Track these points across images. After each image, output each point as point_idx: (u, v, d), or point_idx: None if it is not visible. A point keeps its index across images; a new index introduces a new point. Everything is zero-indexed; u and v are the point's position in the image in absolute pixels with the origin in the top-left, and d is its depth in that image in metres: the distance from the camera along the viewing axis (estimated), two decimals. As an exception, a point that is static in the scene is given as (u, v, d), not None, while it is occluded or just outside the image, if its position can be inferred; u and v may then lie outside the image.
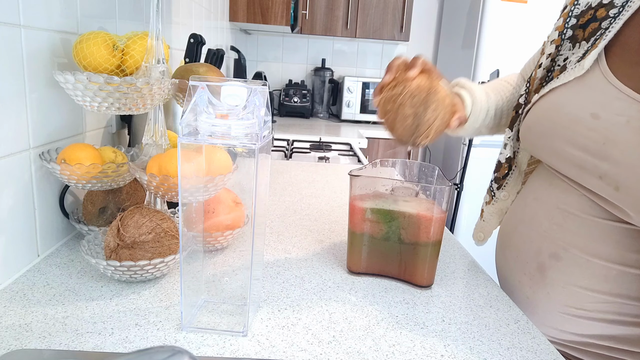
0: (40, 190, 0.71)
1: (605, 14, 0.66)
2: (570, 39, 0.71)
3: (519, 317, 0.65)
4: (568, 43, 0.71)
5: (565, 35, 0.71)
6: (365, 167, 0.79)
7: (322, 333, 0.58)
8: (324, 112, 3.28)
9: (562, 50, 0.72)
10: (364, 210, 0.72)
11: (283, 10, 2.34)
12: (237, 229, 0.78)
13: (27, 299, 0.60)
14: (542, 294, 0.69)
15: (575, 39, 0.70)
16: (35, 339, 0.52)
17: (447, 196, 0.69)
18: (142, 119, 0.95)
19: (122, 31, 0.95)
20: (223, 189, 0.80)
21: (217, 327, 0.57)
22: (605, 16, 0.66)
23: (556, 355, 0.57)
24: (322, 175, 1.42)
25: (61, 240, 0.78)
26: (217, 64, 1.05)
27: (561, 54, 0.72)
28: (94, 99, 0.66)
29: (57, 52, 0.73)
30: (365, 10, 2.91)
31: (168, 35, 1.33)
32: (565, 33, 0.72)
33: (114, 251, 0.64)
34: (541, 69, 0.74)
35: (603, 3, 0.66)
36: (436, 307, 0.66)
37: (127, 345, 0.53)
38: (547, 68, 0.74)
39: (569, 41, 0.71)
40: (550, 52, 0.73)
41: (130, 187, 0.80)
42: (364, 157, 1.85)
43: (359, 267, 0.74)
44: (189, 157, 0.57)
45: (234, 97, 0.50)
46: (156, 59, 0.72)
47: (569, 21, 0.71)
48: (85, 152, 0.70)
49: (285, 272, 0.74)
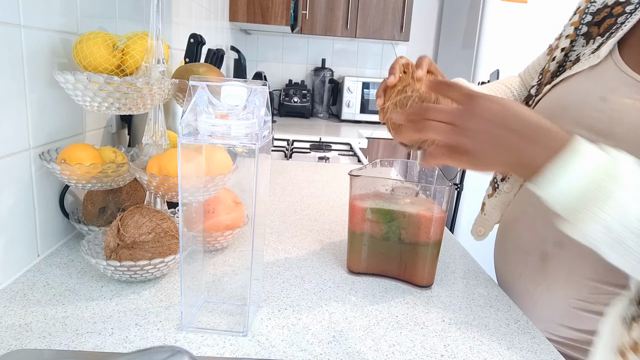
0: (40, 190, 0.71)
1: (621, 11, 0.69)
2: (585, 35, 0.73)
3: (519, 317, 0.65)
4: (582, 39, 0.74)
5: (580, 31, 0.74)
6: (365, 167, 0.79)
7: (322, 333, 0.58)
8: (324, 112, 3.28)
9: (576, 46, 0.75)
10: (364, 210, 0.72)
11: (283, 10, 2.34)
12: (237, 229, 0.78)
13: (27, 299, 0.60)
14: (543, 286, 0.69)
15: (590, 35, 0.73)
16: (35, 339, 0.52)
17: (447, 196, 0.69)
18: (142, 119, 0.95)
19: (122, 31, 0.95)
20: (223, 189, 0.80)
21: (217, 327, 0.57)
22: (622, 12, 0.69)
23: (556, 355, 0.57)
24: (322, 175, 1.42)
25: (61, 240, 0.78)
26: (217, 64, 1.05)
27: (574, 49, 0.75)
28: (94, 99, 0.66)
29: (57, 52, 0.73)
30: (365, 10, 2.91)
31: (168, 35, 1.33)
32: (580, 29, 0.74)
33: (114, 251, 0.64)
34: (554, 62, 0.76)
35: (620, 1, 0.70)
36: (436, 307, 0.66)
37: (127, 345, 0.53)
38: (560, 62, 0.76)
39: (583, 37, 0.74)
40: (564, 47, 0.76)
41: (130, 187, 0.80)
42: (364, 157, 1.84)
43: (359, 267, 0.74)
44: (189, 157, 0.57)
45: (234, 97, 0.50)
46: (156, 59, 0.72)
47: (585, 17, 0.74)
48: (85, 152, 0.70)
49: (285, 272, 0.74)
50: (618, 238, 0.44)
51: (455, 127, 0.50)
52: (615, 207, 0.43)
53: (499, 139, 0.48)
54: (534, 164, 0.47)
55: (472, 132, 0.49)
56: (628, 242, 0.44)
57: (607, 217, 0.44)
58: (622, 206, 0.43)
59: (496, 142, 0.48)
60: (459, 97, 0.51)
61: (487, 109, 0.49)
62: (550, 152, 0.46)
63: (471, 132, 0.49)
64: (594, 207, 0.44)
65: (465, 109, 0.50)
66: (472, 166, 0.51)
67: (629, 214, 0.43)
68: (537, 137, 0.47)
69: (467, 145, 0.49)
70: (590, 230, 0.45)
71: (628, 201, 0.43)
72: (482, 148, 0.49)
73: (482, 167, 0.50)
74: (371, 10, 2.92)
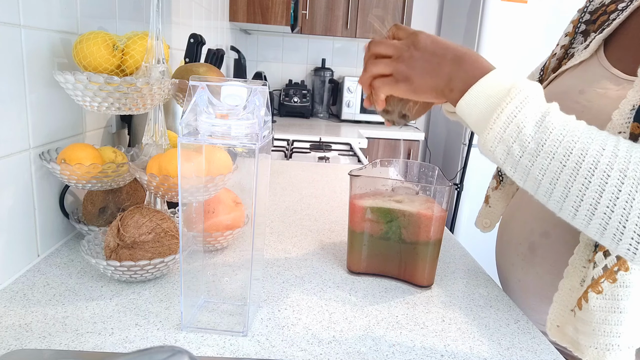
0: (40, 190, 0.71)
1: (614, 8, 0.71)
2: (583, 33, 0.76)
3: (519, 317, 0.65)
4: (580, 37, 0.76)
5: (579, 29, 0.77)
6: (365, 167, 0.79)
7: (322, 333, 0.58)
8: (324, 112, 3.28)
9: (574, 43, 0.77)
10: (364, 209, 0.72)
11: (283, 10, 2.34)
12: (237, 229, 0.78)
13: (27, 299, 0.60)
14: (533, 275, 0.71)
15: (587, 33, 0.76)
16: (35, 339, 0.52)
17: (447, 196, 0.69)
18: (142, 119, 0.95)
19: (122, 31, 0.95)
20: (223, 189, 0.80)
21: (217, 327, 0.57)
22: (615, 10, 0.71)
23: (556, 355, 0.57)
24: (322, 175, 1.42)
25: (61, 240, 0.78)
26: (217, 64, 1.05)
27: (573, 46, 0.77)
28: (94, 99, 0.66)
29: (57, 52, 0.73)
30: (365, 10, 2.91)
31: (168, 35, 1.33)
32: (579, 27, 0.77)
33: (114, 251, 0.64)
34: (554, 59, 0.79)
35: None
36: (436, 307, 0.66)
37: (127, 345, 0.53)
38: (560, 58, 0.79)
39: (581, 35, 0.76)
40: (564, 44, 0.78)
41: (130, 187, 0.80)
42: (364, 157, 1.84)
43: (359, 267, 0.74)
44: (189, 157, 0.57)
45: (234, 97, 0.50)
46: (156, 59, 0.72)
47: (584, 16, 0.77)
48: (85, 152, 0.70)
49: (285, 272, 0.74)
50: (509, 151, 0.49)
51: (397, 58, 0.57)
52: (506, 120, 0.48)
53: (431, 64, 0.55)
54: (456, 87, 0.53)
55: (410, 59, 0.56)
56: (515, 154, 0.49)
57: (500, 130, 0.49)
58: (512, 121, 0.48)
59: (429, 68, 0.55)
60: (403, 34, 0.58)
61: (422, 41, 0.56)
62: (470, 77, 0.52)
63: (410, 60, 0.56)
64: (490, 121, 0.49)
65: (405, 41, 0.57)
66: (409, 92, 0.57)
67: (519, 127, 0.48)
68: (462, 64, 0.53)
69: (405, 72, 0.56)
70: (490, 144, 0.50)
71: (517, 115, 0.48)
72: (417, 74, 0.55)
73: (418, 92, 0.56)
74: (371, 10, 2.92)
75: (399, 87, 0.57)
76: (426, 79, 0.55)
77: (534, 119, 0.48)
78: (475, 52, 0.55)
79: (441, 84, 0.55)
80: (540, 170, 0.48)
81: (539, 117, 0.48)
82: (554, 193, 0.48)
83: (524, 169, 0.49)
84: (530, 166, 0.48)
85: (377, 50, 0.59)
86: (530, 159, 0.48)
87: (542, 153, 0.47)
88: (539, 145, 0.47)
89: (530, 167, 0.48)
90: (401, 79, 0.57)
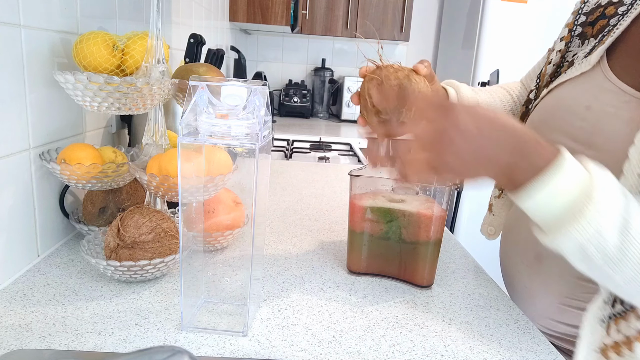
0: (40, 190, 0.71)
1: (614, 12, 0.68)
2: (580, 36, 0.74)
3: (519, 317, 0.65)
4: (577, 40, 0.74)
5: (575, 32, 0.74)
6: (365, 167, 0.79)
7: (322, 333, 0.58)
8: (324, 112, 3.28)
9: (571, 47, 0.75)
10: (364, 209, 0.72)
11: (283, 10, 2.34)
12: (237, 229, 0.78)
13: (27, 299, 0.60)
14: (539, 283, 0.71)
15: (584, 36, 0.73)
16: (35, 339, 0.52)
17: (447, 196, 0.69)
18: (142, 119, 0.95)
19: (122, 31, 0.95)
20: (223, 189, 0.80)
21: (217, 327, 0.57)
22: (614, 14, 0.68)
23: (556, 355, 0.57)
24: (322, 175, 1.42)
25: (61, 240, 0.78)
26: (217, 64, 1.05)
27: (570, 50, 0.75)
28: (94, 99, 0.66)
29: (57, 52, 0.73)
30: (365, 10, 2.91)
31: (168, 35, 1.33)
32: (574, 30, 0.74)
33: (114, 251, 0.64)
34: (551, 65, 0.77)
35: (613, 1, 0.69)
36: (436, 307, 0.66)
37: (127, 345, 0.53)
38: (557, 64, 0.76)
39: (578, 38, 0.74)
40: (560, 49, 0.76)
41: (130, 187, 0.80)
42: (364, 157, 1.84)
43: (359, 267, 0.74)
44: (189, 157, 0.57)
45: (234, 97, 0.50)
46: (156, 59, 0.72)
47: (579, 19, 0.74)
48: (85, 152, 0.70)
49: (285, 272, 0.74)
50: (587, 256, 0.46)
51: (432, 143, 0.48)
52: (587, 226, 0.44)
53: (483, 151, 0.47)
54: (518, 180, 0.47)
55: (451, 145, 0.47)
56: (596, 261, 0.46)
57: (579, 235, 0.45)
58: (593, 226, 0.44)
59: (481, 156, 0.47)
60: (429, 109, 0.49)
61: (462, 118, 0.47)
62: (535, 169, 0.46)
63: (450, 145, 0.47)
64: (567, 225, 0.45)
65: (439, 120, 0.48)
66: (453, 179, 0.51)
67: (601, 234, 0.44)
68: (524, 153, 0.46)
69: (449, 163, 0.48)
70: (563, 245, 0.47)
71: (599, 221, 0.44)
72: (464, 164, 0.48)
73: (466, 180, 0.49)
74: (371, 10, 2.91)
75: (441, 177, 0.50)
76: (479, 170, 0.48)
77: (617, 227, 0.44)
78: (528, 129, 0.48)
79: (498, 176, 0.48)
80: (624, 278, 0.46)
81: (621, 223, 0.44)
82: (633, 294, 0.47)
83: (604, 274, 0.46)
84: (613, 274, 0.46)
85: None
86: (614, 267, 0.45)
87: (628, 263, 0.44)
88: (624, 256, 0.44)
89: (612, 275, 0.46)
90: (444, 171, 0.48)
